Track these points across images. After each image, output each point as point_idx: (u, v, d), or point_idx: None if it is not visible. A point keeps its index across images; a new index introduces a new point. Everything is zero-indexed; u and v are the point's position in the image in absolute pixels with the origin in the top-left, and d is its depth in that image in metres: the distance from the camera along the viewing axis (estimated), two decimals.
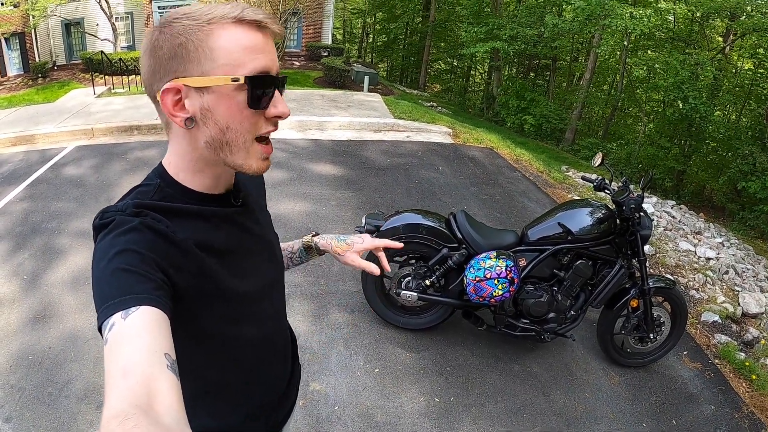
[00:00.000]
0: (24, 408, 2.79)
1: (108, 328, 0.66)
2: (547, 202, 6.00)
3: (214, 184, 0.92)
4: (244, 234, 0.99)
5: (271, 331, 1.10)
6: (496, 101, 18.64)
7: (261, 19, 0.82)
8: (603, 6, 12.36)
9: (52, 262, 4.26)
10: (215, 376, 1.00)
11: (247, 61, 0.80)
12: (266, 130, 0.87)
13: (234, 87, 0.80)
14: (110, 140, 7.84)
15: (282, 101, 0.86)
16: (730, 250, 5.68)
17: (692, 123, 14.18)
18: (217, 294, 0.90)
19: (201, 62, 0.79)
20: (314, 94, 11.14)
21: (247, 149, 0.85)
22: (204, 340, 0.92)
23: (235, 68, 0.80)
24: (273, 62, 0.84)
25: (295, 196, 5.51)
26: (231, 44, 0.80)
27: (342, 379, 3.04)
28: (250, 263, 1.00)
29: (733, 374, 3.46)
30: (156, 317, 0.69)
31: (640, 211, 2.95)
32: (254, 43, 0.81)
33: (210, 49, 0.79)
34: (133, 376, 0.60)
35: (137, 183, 0.92)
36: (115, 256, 0.73)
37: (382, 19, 28.18)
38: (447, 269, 3.14)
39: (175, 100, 0.82)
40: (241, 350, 1.01)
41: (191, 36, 0.79)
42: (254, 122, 0.84)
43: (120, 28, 17.31)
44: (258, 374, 1.08)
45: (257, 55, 0.81)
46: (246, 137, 0.84)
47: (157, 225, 0.81)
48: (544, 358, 3.34)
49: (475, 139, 8.39)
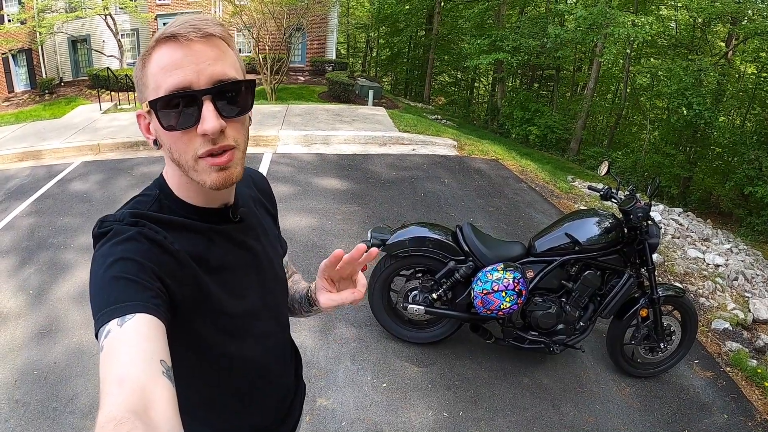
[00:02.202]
0: (28, 423, 2.78)
1: (104, 335, 0.67)
2: (553, 213, 5.97)
3: (205, 199, 0.91)
4: (241, 251, 0.98)
5: (270, 347, 1.08)
6: (500, 113, 18.65)
7: (177, 32, 0.77)
8: (605, 15, 12.40)
9: (57, 277, 4.27)
10: (212, 389, 0.99)
11: (163, 82, 0.78)
12: (203, 150, 0.80)
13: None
14: (116, 156, 7.90)
15: (209, 117, 0.78)
16: (739, 256, 5.62)
17: (697, 129, 14.14)
18: (211, 309, 0.89)
19: (142, 90, 0.83)
20: (319, 108, 11.19)
21: (193, 167, 0.82)
22: (201, 352, 0.92)
23: (156, 91, 0.79)
24: (195, 73, 0.78)
25: (301, 211, 5.51)
26: (153, 67, 0.79)
27: (349, 395, 3.01)
28: (247, 280, 0.99)
29: (746, 382, 3.42)
30: (152, 325, 0.69)
31: (647, 220, 2.93)
32: (170, 60, 0.78)
33: (146, 76, 0.81)
34: (128, 383, 0.60)
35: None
36: (113, 264, 0.74)
37: (386, 33, 28.33)
38: (454, 282, 3.12)
39: (145, 124, 0.86)
40: (239, 366, 1.00)
41: (140, 65, 0.82)
42: (186, 142, 0.80)
43: (126, 45, 17.55)
44: (257, 390, 1.06)
45: (171, 72, 0.77)
46: (186, 157, 0.82)
47: (155, 235, 0.81)
48: (554, 370, 3.30)
49: (481, 150, 8.39)
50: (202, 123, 0.78)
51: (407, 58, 28.21)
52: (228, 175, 0.83)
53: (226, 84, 0.80)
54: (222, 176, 0.82)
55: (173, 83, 0.77)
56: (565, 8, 14.33)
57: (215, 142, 0.80)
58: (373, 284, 3.31)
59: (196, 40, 0.78)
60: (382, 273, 3.27)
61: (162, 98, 0.78)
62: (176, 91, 0.77)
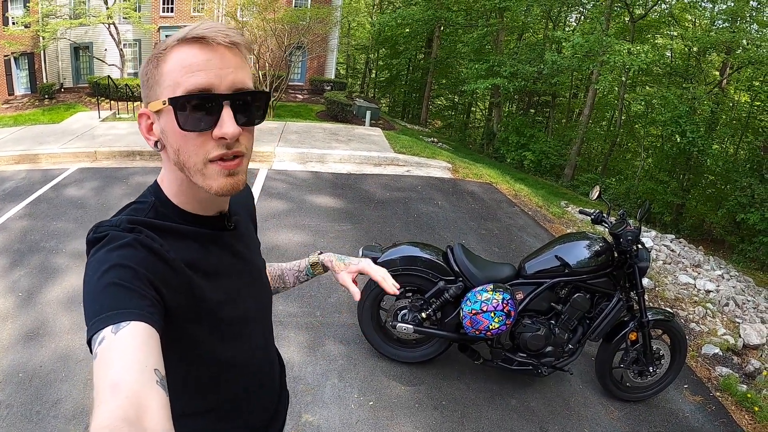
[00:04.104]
0: (10, 425, 2.76)
1: (98, 342, 0.66)
2: (545, 237, 5.99)
3: (201, 206, 0.92)
4: (234, 258, 0.99)
5: (258, 354, 1.09)
6: (496, 137, 18.82)
7: (204, 34, 0.78)
8: (601, 43, 12.63)
9: (48, 280, 4.25)
10: (203, 397, 0.99)
11: (183, 81, 0.78)
12: (215, 153, 0.81)
13: (170, 109, 0.80)
14: (112, 164, 7.91)
15: (228, 121, 0.79)
16: (730, 282, 5.65)
17: (690, 157, 14.33)
18: (205, 315, 0.89)
19: (154, 88, 0.82)
20: (316, 127, 11.27)
21: (201, 171, 0.82)
22: (197, 358, 0.92)
23: (174, 89, 0.79)
24: (219, 78, 0.79)
25: (294, 227, 5.52)
26: (173, 66, 0.79)
27: (335, 412, 2.98)
28: (239, 287, 1.00)
29: (735, 407, 3.41)
30: (146, 333, 0.68)
31: (637, 243, 2.95)
32: (193, 60, 0.78)
33: (160, 74, 0.80)
34: (122, 391, 0.60)
35: None
36: (108, 271, 0.74)
37: (385, 55, 28.68)
38: (443, 302, 3.12)
39: (147, 124, 0.86)
40: (229, 372, 1.00)
41: (152, 64, 0.82)
42: (199, 144, 0.81)
43: (128, 55, 17.66)
44: (246, 396, 1.07)
45: (194, 72, 0.78)
46: (195, 160, 0.81)
47: (151, 243, 0.81)
48: (542, 392, 3.29)
49: (475, 174, 8.45)
50: (222, 126, 0.79)
51: (405, 80, 28.51)
52: (235, 181, 0.84)
53: (246, 93, 0.82)
54: (230, 182, 0.84)
55: (195, 83, 0.78)
56: (563, 35, 14.54)
57: (229, 147, 0.82)
58: (363, 302, 3.30)
59: (224, 45, 0.79)
60: (372, 291, 3.27)
61: (184, 97, 0.78)
62: (199, 92, 0.78)
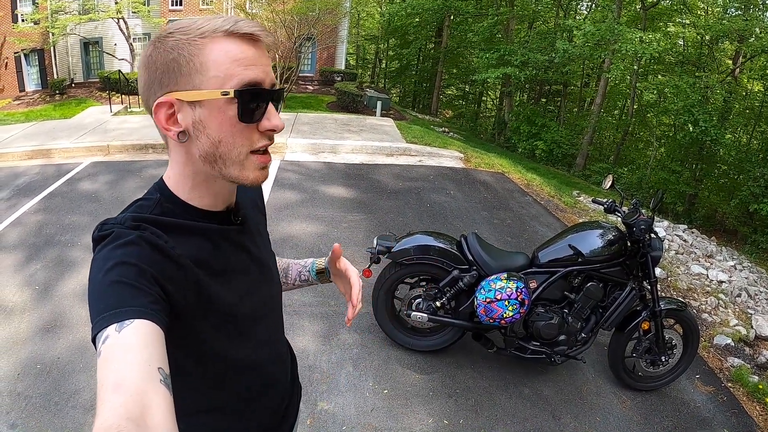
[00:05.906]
0: (29, 416, 2.81)
1: (102, 340, 0.66)
2: (558, 227, 5.98)
3: (212, 202, 0.91)
4: (242, 253, 0.98)
5: (266, 351, 1.07)
6: (507, 127, 18.70)
7: (254, 32, 0.81)
8: (613, 31, 12.47)
9: (64, 273, 4.32)
10: (211, 395, 0.98)
11: (237, 74, 0.79)
12: (261, 144, 0.85)
13: (225, 100, 0.79)
14: (125, 157, 7.99)
15: (276, 114, 0.85)
16: (743, 273, 5.62)
17: (703, 146, 14.15)
18: (214, 312, 0.88)
19: (192, 76, 0.79)
20: (327, 117, 11.28)
21: (241, 162, 0.84)
22: (200, 358, 0.90)
23: (225, 81, 0.79)
24: (266, 74, 0.82)
25: (308, 218, 5.56)
26: (221, 57, 0.79)
27: (350, 399, 3.03)
28: (248, 283, 0.99)
29: (747, 398, 3.42)
30: (151, 331, 0.68)
31: (650, 233, 2.95)
32: (245, 55, 0.80)
33: (201, 63, 0.79)
34: (125, 390, 0.60)
35: None
36: (113, 268, 0.73)
37: (395, 45, 28.49)
38: (457, 291, 3.14)
39: (168, 114, 0.82)
40: (243, 368, 0.99)
41: (183, 50, 0.79)
42: (247, 136, 0.83)
43: (137, 49, 17.68)
44: (260, 393, 1.06)
45: (248, 67, 0.80)
46: (240, 150, 0.83)
47: (156, 240, 0.80)
48: (555, 381, 3.31)
49: (487, 163, 8.43)
50: (272, 119, 0.84)
51: (416, 70, 28.34)
52: (265, 174, 0.89)
53: (280, 90, 0.87)
54: (264, 174, 0.88)
55: (252, 77, 0.80)
56: (574, 24, 14.38)
57: (271, 139, 0.87)
58: (377, 291, 3.34)
59: (265, 44, 0.84)
60: (387, 280, 3.30)
61: (252, 89, 0.80)
62: (256, 85, 0.81)
